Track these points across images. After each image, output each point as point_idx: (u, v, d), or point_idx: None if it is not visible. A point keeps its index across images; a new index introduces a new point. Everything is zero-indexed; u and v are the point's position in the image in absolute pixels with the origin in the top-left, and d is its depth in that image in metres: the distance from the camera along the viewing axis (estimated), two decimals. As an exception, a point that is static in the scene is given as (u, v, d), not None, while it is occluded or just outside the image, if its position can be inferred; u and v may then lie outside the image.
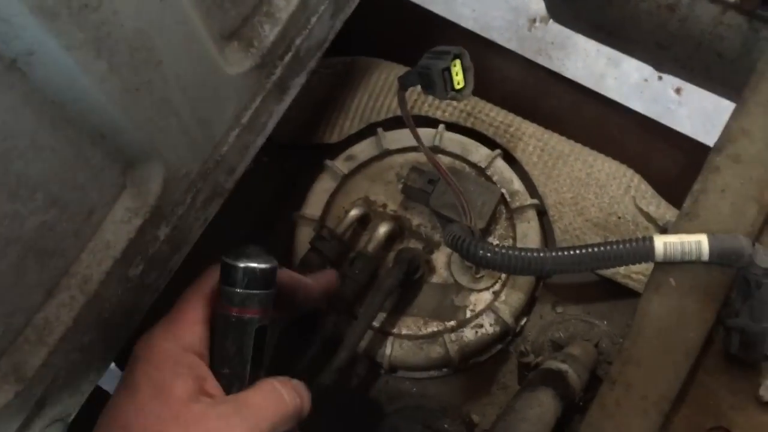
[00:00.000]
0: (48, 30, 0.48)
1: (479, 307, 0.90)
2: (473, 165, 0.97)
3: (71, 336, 0.64)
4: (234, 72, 0.69)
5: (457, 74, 0.73)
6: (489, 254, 0.74)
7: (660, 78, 1.89)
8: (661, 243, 0.67)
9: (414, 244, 0.94)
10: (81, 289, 0.64)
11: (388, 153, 0.99)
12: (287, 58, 0.77)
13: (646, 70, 1.83)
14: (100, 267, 0.65)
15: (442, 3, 1.31)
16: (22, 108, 0.51)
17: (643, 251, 0.67)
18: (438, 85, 0.73)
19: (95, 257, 0.64)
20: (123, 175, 0.64)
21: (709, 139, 1.07)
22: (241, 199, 0.94)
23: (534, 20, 1.97)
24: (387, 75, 1.05)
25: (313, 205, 0.97)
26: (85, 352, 0.66)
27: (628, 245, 0.68)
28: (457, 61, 0.73)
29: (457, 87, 0.74)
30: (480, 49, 0.78)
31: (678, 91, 1.91)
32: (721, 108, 0.92)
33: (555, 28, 1.44)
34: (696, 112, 1.85)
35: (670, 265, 0.68)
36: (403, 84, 0.78)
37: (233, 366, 0.61)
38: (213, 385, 0.59)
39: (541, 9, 1.86)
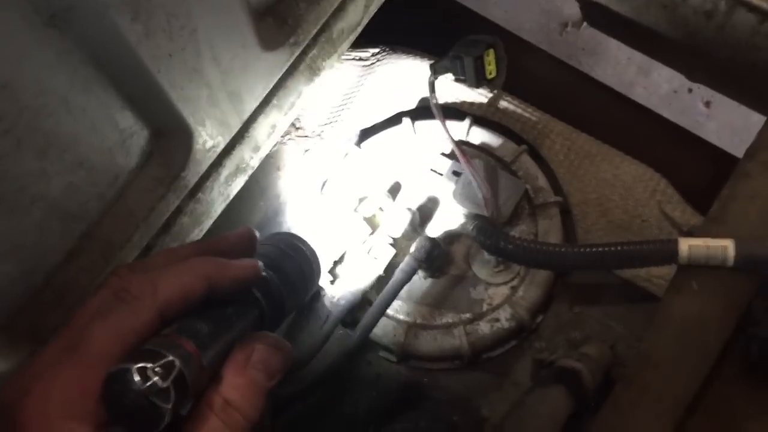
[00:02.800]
0: (88, -13, 0.48)
1: (496, 301, 0.89)
2: (499, 159, 0.97)
3: (89, 300, 0.64)
4: (267, 48, 0.69)
5: (489, 64, 0.73)
6: (510, 246, 0.74)
7: (690, 90, 1.87)
8: (686, 245, 0.66)
9: (434, 234, 0.93)
10: (102, 254, 0.64)
11: (414, 142, 0.99)
12: (321, 38, 0.77)
13: (676, 82, 1.81)
14: (121, 234, 0.65)
15: (474, 3, 1.30)
16: (56, 66, 0.51)
17: (667, 253, 0.67)
18: (470, 73, 0.73)
19: (118, 223, 0.64)
20: (151, 143, 0.65)
21: (738, 153, 1.06)
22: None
23: (566, 24, 1.95)
24: (417, 64, 1.05)
25: (336, 187, 0.98)
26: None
27: (652, 246, 0.68)
28: (491, 51, 0.73)
29: (489, 76, 0.74)
30: (511, 47, 0.77)
31: (707, 104, 1.88)
32: (751, 123, 0.91)
33: (586, 33, 1.43)
34: (724, 126, 1.82)
35: (693, 268, 0.67)
36: (435, 71, 0.78)
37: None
38: None
39: (573, 14, 1.84)
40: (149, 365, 0.40)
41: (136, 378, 0.40)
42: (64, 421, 0.40)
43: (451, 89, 1.03)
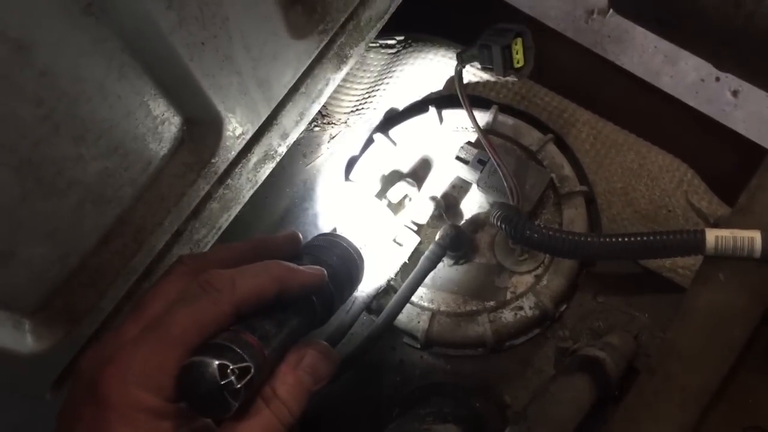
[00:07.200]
0: (124, -25, 0.48)
1: (520, 290, 0.90)
2: (524, 148, 0.97)
3: (122, 283, 0.66)
4: (296, 36, 0.70)
5: (517, 53, 0.73)
6: (535, 235, 0.74)
7: (717, 79, 1.84)
8: (713, 236, 0.66)
9: (459, 222, 0.94)
10: (134, 238, 0.65)
11: (440, 130, 0.99)
12: (349, 26, 0.77)
13: (704, 70, 1.79)
14: (153, 218, 0.66)
15: (499, -12, 1.29)
16: (93, 53, 0.52)
17: (694, 243, 0.67)
18: (497, 62, 0.73)
19: (150, 208, 0.65)
20: (182, 129, 0.65)
21: (766, 143, 1.05)
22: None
23: (592, 12, 1.92)
24: (443, 53, 1.05)
25: (362, 173, 0.98)
26: (133, 300, 0.67)
27: (678, 236, 0.68)
28: (519, 40, 0.73)
29: (517, 66, 0.73)
30: (537, 34, 0.77)
31: (735, 93, 1.85)
32: (779, 113, 0.90)
33: (613, 21, 1.41)
34: (752, 116, 1.80)
35: (720, 259, 0.67)
36: (462, 59, 0.78)
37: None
38: None
39: (599, 1, 1.82)
40: (230, 366, 0.44)
41: (216, 374, 0.44)
42: (139, 389, 0.44)
43: (476, 77, 1.03)
